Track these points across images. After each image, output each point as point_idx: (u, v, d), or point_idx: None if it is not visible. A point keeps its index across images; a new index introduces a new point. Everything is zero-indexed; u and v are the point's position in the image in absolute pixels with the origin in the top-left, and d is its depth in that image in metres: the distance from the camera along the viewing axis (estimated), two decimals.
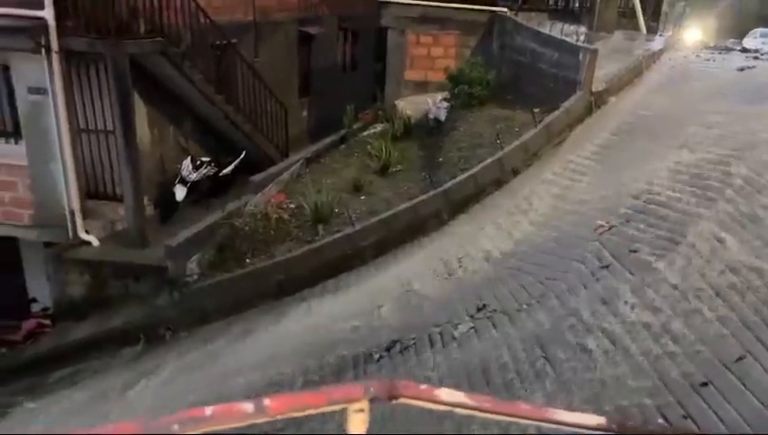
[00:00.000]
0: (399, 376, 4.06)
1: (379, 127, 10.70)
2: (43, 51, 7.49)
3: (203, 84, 9.14)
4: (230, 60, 10.01)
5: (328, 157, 9.84)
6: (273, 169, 9.36)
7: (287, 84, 12.27)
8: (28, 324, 8.49)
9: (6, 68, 8.17)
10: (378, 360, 4.58)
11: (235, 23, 10.28)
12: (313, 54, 13.31)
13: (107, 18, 7.52)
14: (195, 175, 9.29)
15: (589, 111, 8.02)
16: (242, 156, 10.29)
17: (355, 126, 10.74)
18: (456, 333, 4.46)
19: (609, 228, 5.08)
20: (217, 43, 9.62)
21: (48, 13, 7.28)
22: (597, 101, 8.14)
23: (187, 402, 5.08)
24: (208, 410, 0.72)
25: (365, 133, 10.55)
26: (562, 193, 6.11)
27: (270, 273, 6.79)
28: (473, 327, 4.47)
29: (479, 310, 4.66)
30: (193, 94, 9.22)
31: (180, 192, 9.12)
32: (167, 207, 9.17)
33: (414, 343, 4.50)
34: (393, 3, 11.04)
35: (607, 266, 4.57)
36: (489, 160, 7.02)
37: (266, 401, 0.73)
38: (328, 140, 10.39)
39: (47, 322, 8.42)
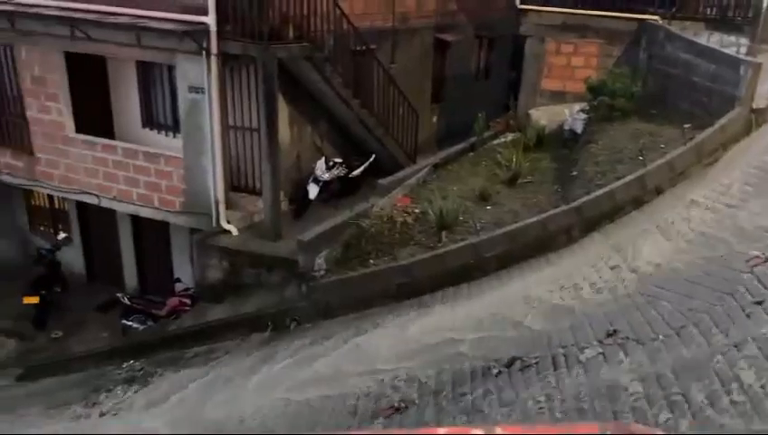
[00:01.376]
0: (523, 395, 3.95)
1: (510, 136, 10.51)
2: (204, 53, 8.20)
3: (341, 88, 9.52)
4: (368, 65, 10.33)
5: (456, 164, 9.81)
6: (400, 174, 9.52)
7: (420, 90, 12.43)
8: (172, 302, 9.34)
9: (171, 68, 9.04)
10: (496, 375, 4.48)
11: (374, 29, 10.61)
12: (448, 61, 13.36)
13: (261, 24, 8.06)
14: (327, 175, 9.70)
15: (747, 129, 7.30)
16: (372, 159, 10.60)
17: (485, 134, 10.63)
18: (582, 357, 4.25)
19: (766, 260, 4.58)
20: (357, 48, 9.97)
21: (211, 18, 7.95)
22: (758, 120, 7.39)
23: (307, 392, 5.31)
24: (441, 430, 0.74)
25: (495, 142, 10.41)
26: (712, 218, 5.61)
27: (392, 275, 6.89)
28: (601, 353, 4.23)
29: (609, 335, 4.40)
30: (331, 97, 9.63)
31: (313, 190, 9.57)
32: (300, 204, 9.66)
33: (536, 363, 4.35)
34: (534, 10, 10.78)
35: (761, 302, 4.13)
36: (630, 177, 6.61)
37: (498, 430, 0.74)
38: (457, 147, 10.37)
39: (188, 301, 9.21)
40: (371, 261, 7.19)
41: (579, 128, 9.24)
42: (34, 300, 10.11)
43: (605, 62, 10.59)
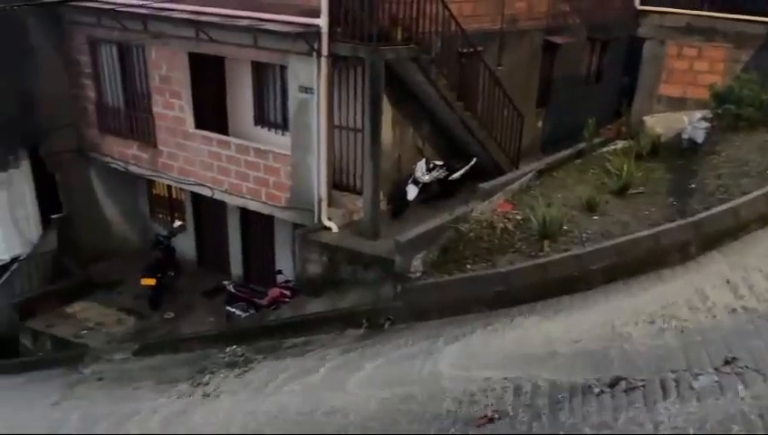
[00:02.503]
0: (626, 419, 3.74)
1: (620, 144, 10.02)
2: (315, 54, 8.47)
3: (446, 90, 9.49)
4: (473, 67, 10.21)
5: (561, 170, 9.47)
6: (502, 178, 9.33)
7: (525, 93, 12.12)
8: (273, 292, 9.74)
9: (283, 68, 9.41)
10: (598, 394, 4.27)
11: (482, 30, 10.47)
12: (556, 64, 12.94)
13: (370, 26, 8.20)
14: (427, 177, 9.71)
15: None
16: (473, 162, 10.48)
17: (595, 141, 10.18)
18: (695, 384, 3.95)
19: None
20: (463, 50, 9.89)
21: (323, 21, 8.20)
22: None
23: (399, 393, 5.33)
24: None
25: (605, 149, 9.96)
26: None
27: (489, 281, 6.76)
28: (717, 381, 3.92)
29: (726, 363, 4.07)
30: (435, 99, 9.62)
31: (412, 192, 9.62)
32: (398, 204, 9.75)
33: (643, 386, 4.10)
34: (655, 12, 10.20)
35: None
36: (757, 192, 6.08)
37: None
38: (563, 153, 10.01)
39: (288, 293, 9.56)
40: (469, 266, 7.09)
41: (699, 137, 8.62)
42: (151, 282, 10.93)
43: (732, 68, 9.83)
